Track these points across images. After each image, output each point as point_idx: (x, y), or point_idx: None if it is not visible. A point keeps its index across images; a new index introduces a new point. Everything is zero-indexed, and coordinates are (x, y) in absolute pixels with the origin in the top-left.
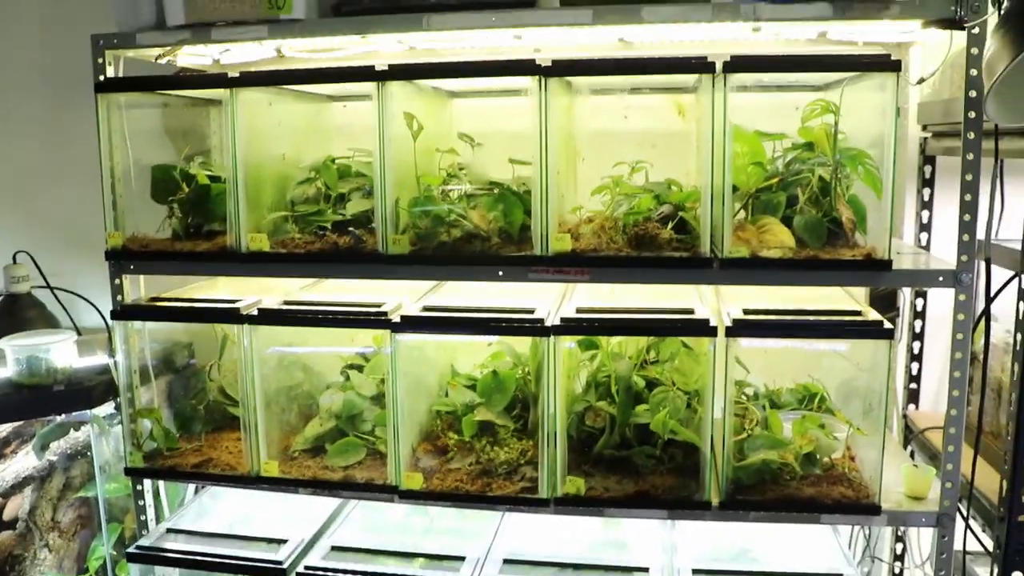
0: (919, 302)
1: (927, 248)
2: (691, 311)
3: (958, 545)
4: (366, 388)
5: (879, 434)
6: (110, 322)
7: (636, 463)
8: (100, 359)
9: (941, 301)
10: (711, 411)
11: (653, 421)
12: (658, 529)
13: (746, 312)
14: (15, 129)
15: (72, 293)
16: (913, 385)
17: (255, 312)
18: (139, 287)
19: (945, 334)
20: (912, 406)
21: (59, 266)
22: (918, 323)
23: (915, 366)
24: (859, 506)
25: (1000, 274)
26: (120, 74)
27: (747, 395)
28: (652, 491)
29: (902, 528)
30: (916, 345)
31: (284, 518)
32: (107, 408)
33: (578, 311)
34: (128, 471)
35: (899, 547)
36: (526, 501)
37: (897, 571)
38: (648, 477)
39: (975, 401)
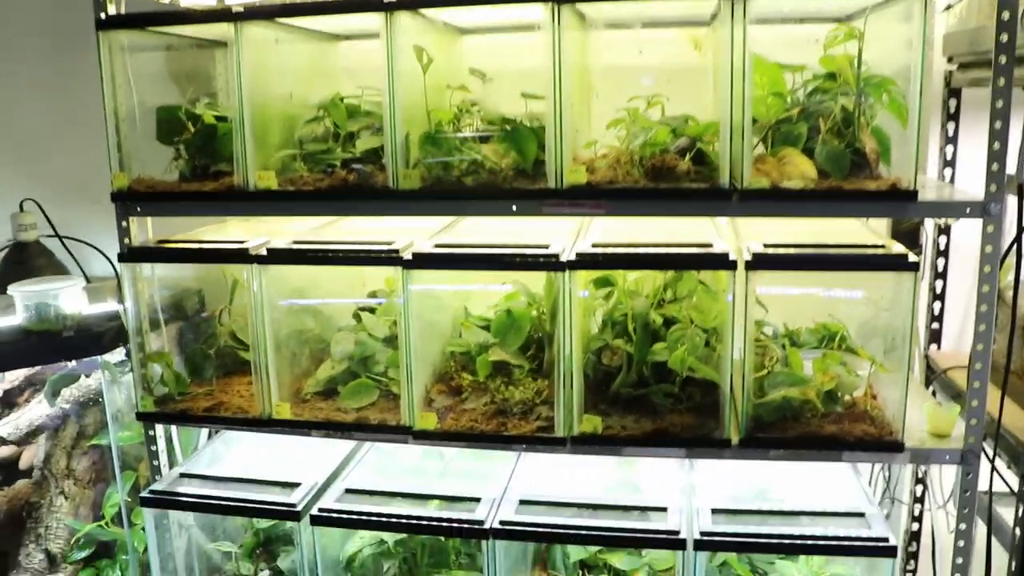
0: (942, 240)
1: (951, 184)
2: (710, 246)
3: (982, 484)
4: (379, 330)
5: (902, 371)
6: (118, 266)
7: (654, 402)
8: (110, 306)
9: (964, 240)
10: (730, 348)
11: (671, 358)
12: (676, 471)
13: (767, 246)
14: (22, 79)
15: (80, 241)
16: (935, 325)
17: (264, 252)
18: (147, 231)
19: (968, 273)
20: (934, 346)
21: (68, 215)
22: (940, 262)
23: (937, 305)
24: (882, 443)
25: None
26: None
27: (766, 335)
28: (671, 429)
29: (923, 470)
30: (939, 284)
31: (297, 463)
32: (118, 355)
33: (594, 246)
34: (139, 416)
35: (919, 489)
36: (542, 440)
37: (916, 513)
38: (666, 416)
39: (999, 340)
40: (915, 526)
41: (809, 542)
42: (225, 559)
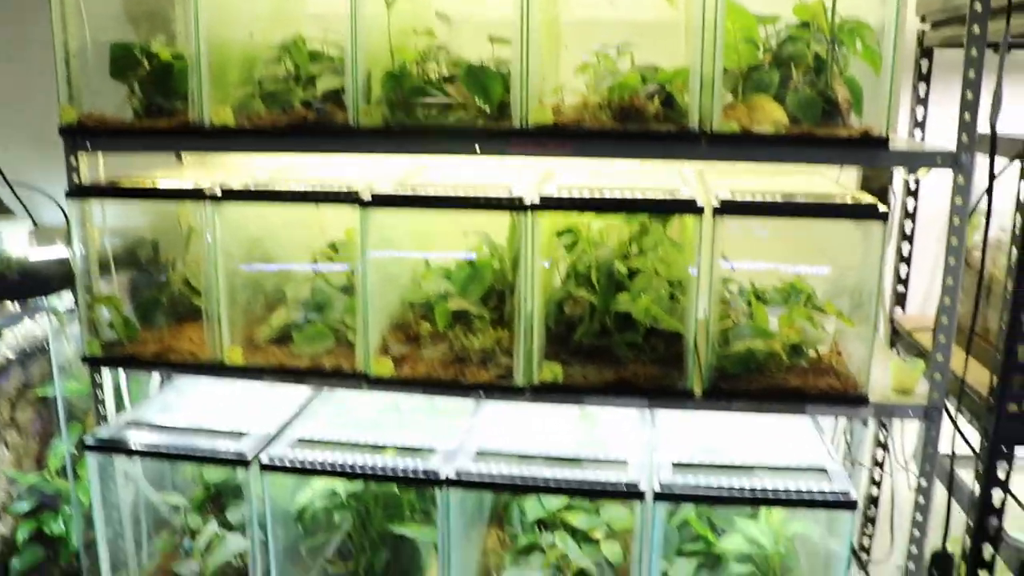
0: (910, 202)
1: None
2: (677, 192)
3: (944, 446)
4: (336, 277)
5: (868, 327)
6: (65, 206)
7: (616, 353)
8: (59, 250)
9: (931, 205)
10: (695, 299)
11: (635, 308)
12: (637, 427)
13: (735, 194)
14: None
15: (29, 187)
16: (901, 288)
17: (218, 190)
18: (98, 173)
19: (934, 238)
20: (899, 309)
21: (17, 163)
22: (908, 225)
23: (903, 269)
24: (846, 396)
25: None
26: None
27: (732, 292)
28: (633, 379)
29: (884, 435)
30: (905, 247)
31: (249, 415)
32: (66, 302)
33: (559, 190)
34: (85, 359)
35: (880, 454)
36: (501, 388)
37: (876, 478)
38: (629, 366)
39: (965, 303)
40: (874, 491)
41: (770, 495)
42: (174, 512)
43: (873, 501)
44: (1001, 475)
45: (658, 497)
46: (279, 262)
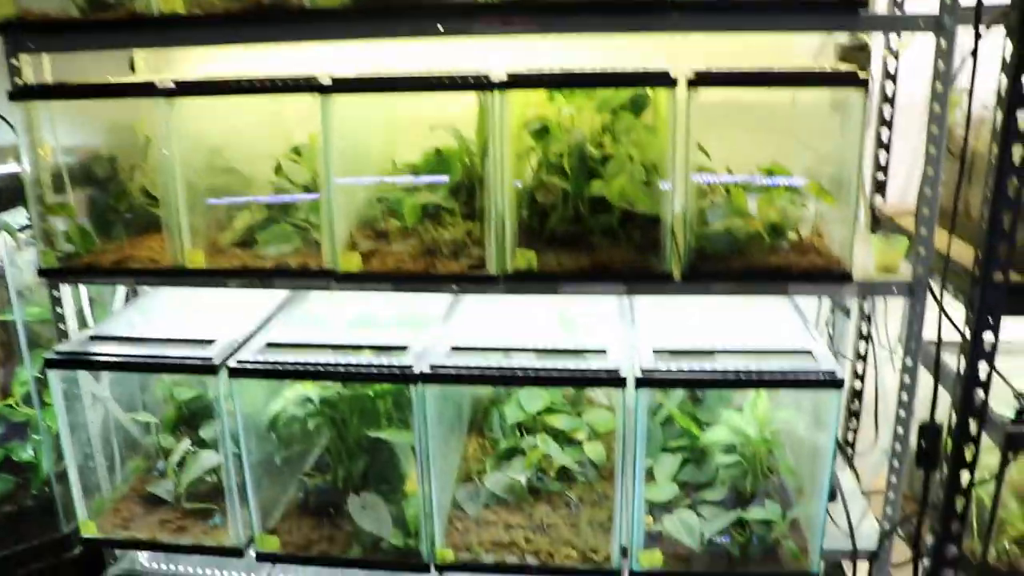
0: (888, 86)
1: None
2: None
3: (928, 333)
4: (299, 176)
5: (849, 205)
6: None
7: (592, 240)
8: (9, 167)
9: (910, 86)
10: (672, 180)
11: (609, 191)
12: (617, 324)
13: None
14: None
15: None
16: (880, 176)
17: (171, 84)
18: (45, 79)
19: (914, 122)
20: (879, 197)
21: None
22: (886, 109)
23: (883, 155)
24: (830, 273)
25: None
26: None
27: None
28: (609, 264)
29: (866, 325)
30: (884, 133)
31: (216, 327)
32: (19, 219)
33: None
34: (41, 272)
35: (862, 347)
36: (474, 278)
37: (859, 371)
38: (605, 251)
39: (947, 184)
40: (858, 385)
41: (754, 377)
42: (145, 432)
43: (857, 395)
44: (987, 347)
45: (640, 383)
46: (240, 166)
